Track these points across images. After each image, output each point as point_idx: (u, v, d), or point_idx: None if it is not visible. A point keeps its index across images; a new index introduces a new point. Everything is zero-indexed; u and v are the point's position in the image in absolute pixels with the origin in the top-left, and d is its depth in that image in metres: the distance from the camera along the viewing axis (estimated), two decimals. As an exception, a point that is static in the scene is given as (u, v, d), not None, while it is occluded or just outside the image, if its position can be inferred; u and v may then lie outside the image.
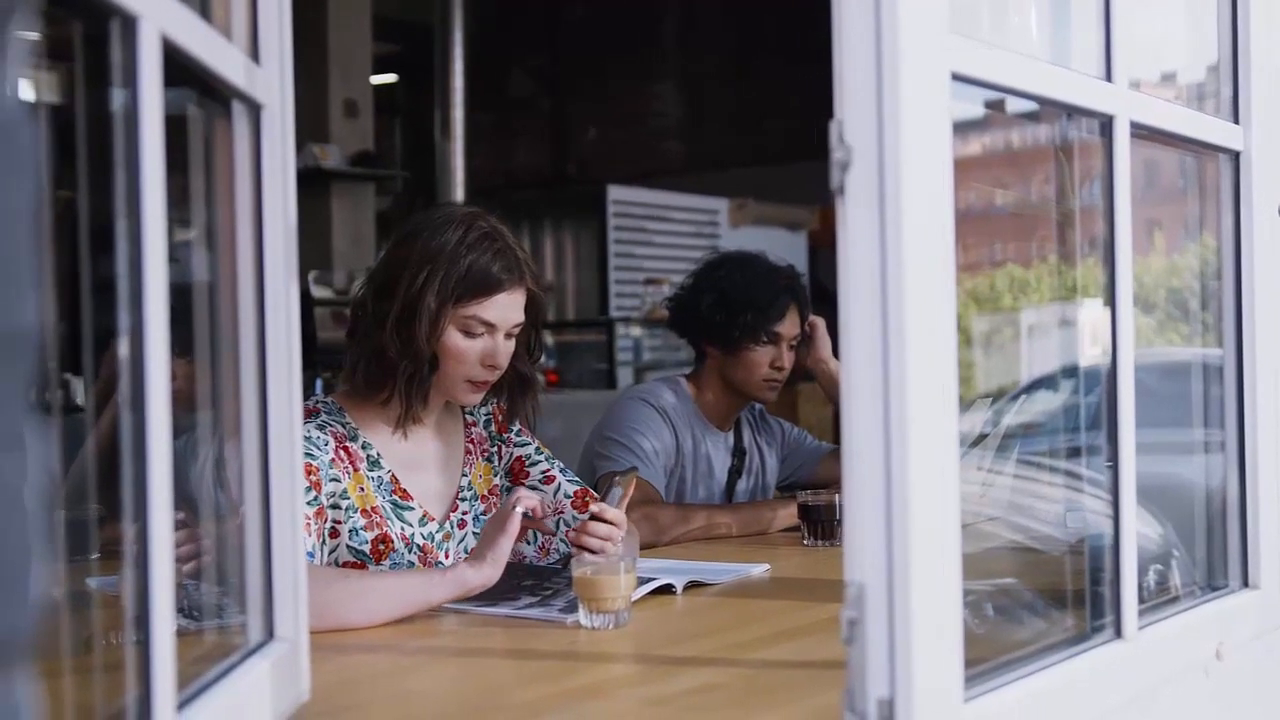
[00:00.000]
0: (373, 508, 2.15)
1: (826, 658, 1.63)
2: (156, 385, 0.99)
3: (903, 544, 1.15)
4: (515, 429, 2.40)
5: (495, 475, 2.35)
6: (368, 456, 2.18)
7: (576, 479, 2.39)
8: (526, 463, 2.37)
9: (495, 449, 2.37)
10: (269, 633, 1.35)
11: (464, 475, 2.31)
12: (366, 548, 2.13)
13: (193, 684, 1.14)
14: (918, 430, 1.14)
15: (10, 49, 0.54)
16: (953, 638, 1.20)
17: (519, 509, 1.96)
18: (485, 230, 2.16)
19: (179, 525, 1.05)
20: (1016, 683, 1.33)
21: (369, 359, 2.16)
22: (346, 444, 2.17)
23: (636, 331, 7.52)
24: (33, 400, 0.54)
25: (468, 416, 2.36)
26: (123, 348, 0.98)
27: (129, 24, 0.97)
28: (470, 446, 2.33)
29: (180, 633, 1.04)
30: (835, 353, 3.10)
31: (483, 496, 2.32)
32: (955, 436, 1.21)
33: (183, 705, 1.07)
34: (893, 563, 1.15)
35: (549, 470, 2.38)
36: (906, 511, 1.14)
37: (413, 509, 2.20)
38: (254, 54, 1.32)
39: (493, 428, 2.38)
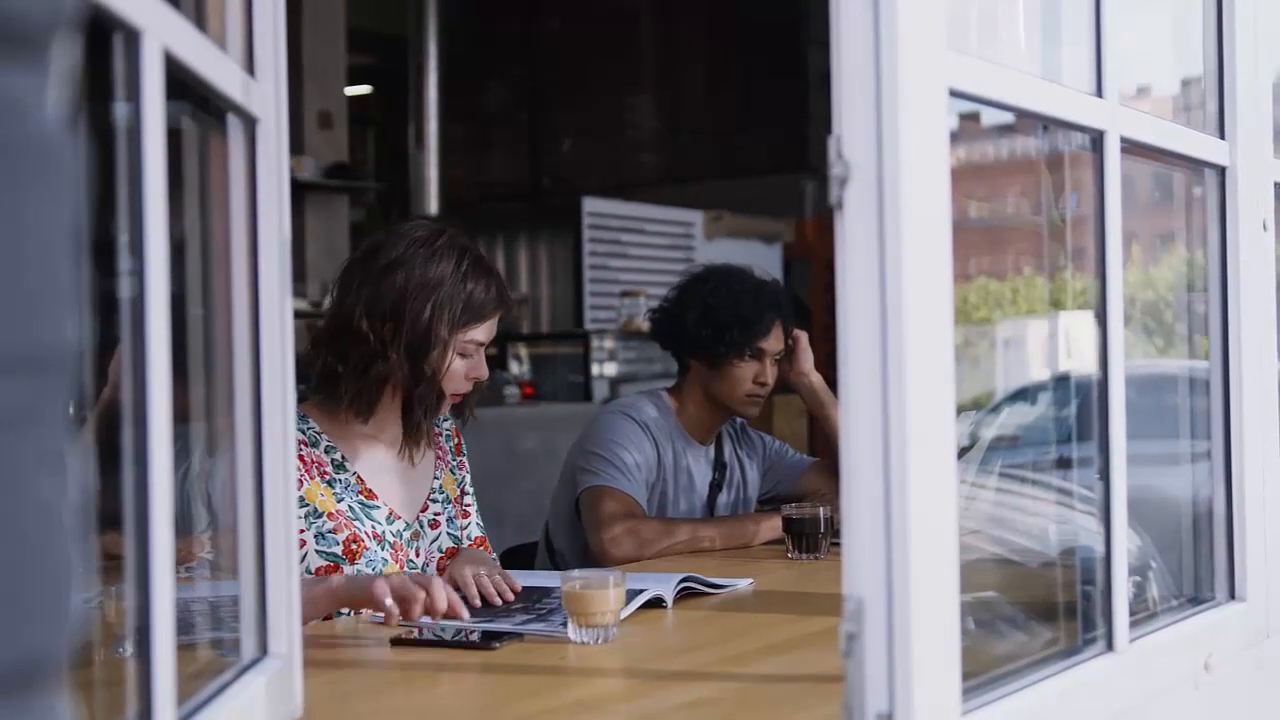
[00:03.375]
0: (338, 510, 2.21)
1: (819, 671, 1.63)
2: (158, 399, 0.98)
3: (902, 558, 1.15)
4: (464, 455, 2.51)
5: (456, 486, 2.45)
6: (333, 460, 2.25)
7: (482, 525, 2.49)
8: (464, 488, 2.49)
9: (456, 462, 2.47)
10: (263, 649, 1.35)
11: (435, 478, 2.40)
12: (339, 549, 2.19)
13: (189, 701, 1.14)
14: (917, 445, 1.15)
15: (52, 68, 0.54)
16: (951, 651, 1.20)
17: (386, 604, 1.92)
18: (475, 256, 2.28)
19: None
20: (1012, 696, 1.33)
21: (372, 386, 2.23)
22: (305, 450, 2.22)
23: (612, 344, 7.51)
24: (72, 419, 0.54)
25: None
26: (125, 361, 0.97)
27: (132, 38, 0.97)
28: (439, 453, 2.43)
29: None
30: (815, 365, 3.10)
31: (454, 500, 2.42)
32: (954, 451, 1.22)
33: (181, 723, 1.06)
34: (892, 577, 1.15)
35: (469, 506, 2.49)
36: (906, 526, 1.14)
37: (379, 507, 2.27)
38: (249, 68, 1.32)
39: (452, 444, 2.48)
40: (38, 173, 0.52)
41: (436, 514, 2.37)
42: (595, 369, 7.35)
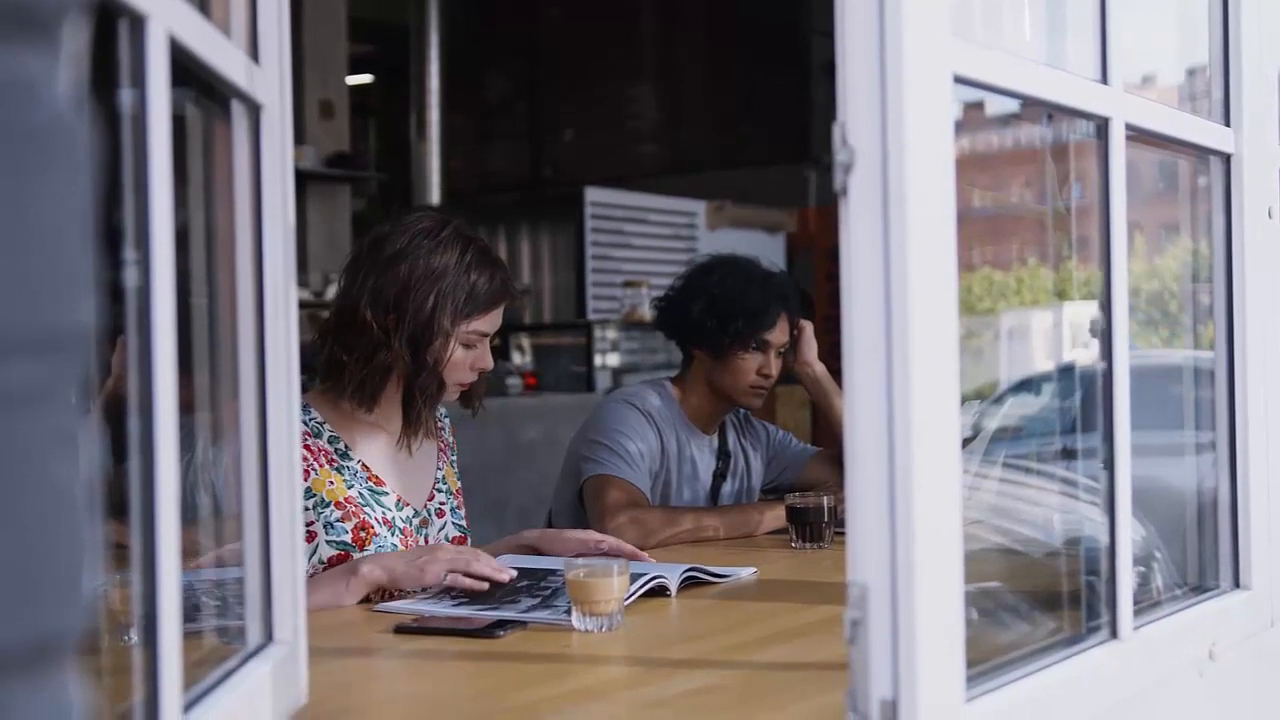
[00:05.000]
0: (346, 499, 2.22)
1: (823, 659, 1.64)
2: (164, 388, 0.98)
3: (906, 545, 1.15)
4: (454, 454, 2.53)
5: (456, 480, 2.48)
6: (336, 450, 2.26)
7: (462, 525, 2.46)
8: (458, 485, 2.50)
9: (455, 458, 2.50)
10: (268, 635, 1.35)
11: (439, 469, 2.42)
12: (347, 537, 2.20)
13: (195, 687, 1.14)
14: (921, 431, 1.15)
15: (64, 49, 0.54)
16: (955, 638, 1.20)
17: (445, 580, 2.05)
18: (480, 246, 2.28)
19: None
20: (1016, 683, 1.33)
21: (375, 375, 2.24)
22: (310, 440, 2.23)
23: (614, 334, 7.51)
24: (84, 400, 0.54)
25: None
26: (130, 350, 0.97)
27: (137, 23, 0.96)
28: (441, 446, 2.45)
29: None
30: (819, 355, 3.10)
31: (456, 493, 2.44)
32: (958, 437, 1.22)
33: (187, 708, 1.06)
34: (896, 563, 1.15)
35: (457, 504, 2.48)
36: (910, 512, 1.14)
37: (388, 493, 2.29)
38: (253, 54, 1.32)
39: (452, 440, 2.51)
40: (51, 154, 0.52)
41: (441, 504, 2.40)
42: (598, 359, 7.34)
